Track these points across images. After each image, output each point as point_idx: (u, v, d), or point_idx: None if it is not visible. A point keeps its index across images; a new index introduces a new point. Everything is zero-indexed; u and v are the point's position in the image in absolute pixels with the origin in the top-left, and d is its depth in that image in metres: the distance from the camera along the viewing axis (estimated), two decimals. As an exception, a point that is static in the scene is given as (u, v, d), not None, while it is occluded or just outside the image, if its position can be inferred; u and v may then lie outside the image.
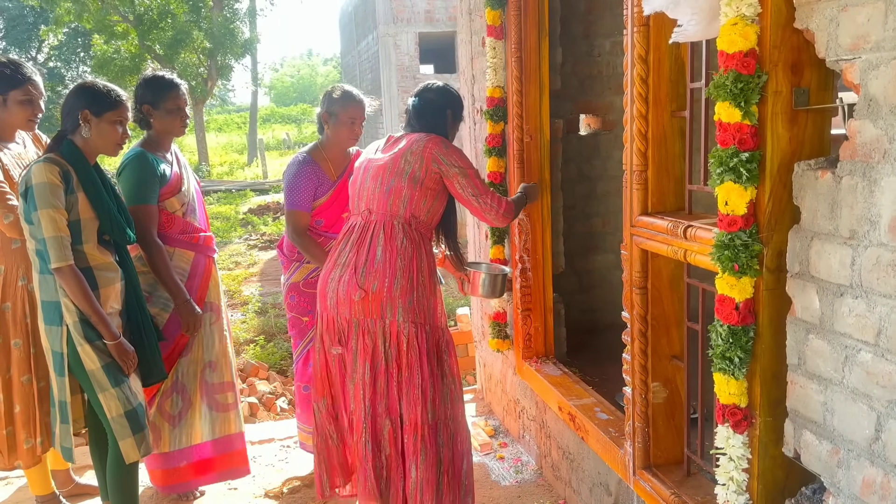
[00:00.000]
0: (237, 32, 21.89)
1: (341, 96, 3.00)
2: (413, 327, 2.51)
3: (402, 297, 2.49)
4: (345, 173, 3.07)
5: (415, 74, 15.04)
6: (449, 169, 2.52)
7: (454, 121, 2.72)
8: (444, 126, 2.66)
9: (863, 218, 1.34)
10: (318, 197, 3.03)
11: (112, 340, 2.43)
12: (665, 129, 2.04)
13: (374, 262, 2.50)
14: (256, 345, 6.61)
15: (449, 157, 2.51)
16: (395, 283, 2.48)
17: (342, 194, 3.04)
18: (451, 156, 2.52)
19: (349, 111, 2.99)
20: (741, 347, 1.59)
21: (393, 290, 2.48)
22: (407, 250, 2.50)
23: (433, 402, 2.53)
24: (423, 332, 2.53)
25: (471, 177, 2.54)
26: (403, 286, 2.49)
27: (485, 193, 2.56)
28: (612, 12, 3.87)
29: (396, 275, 2.48)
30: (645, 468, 2.20)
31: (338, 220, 3.08)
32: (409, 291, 2.49)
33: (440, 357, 2.59)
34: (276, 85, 61.36)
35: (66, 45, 25.51)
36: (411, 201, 2.52)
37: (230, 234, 12.54)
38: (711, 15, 1.60)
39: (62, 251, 2.33)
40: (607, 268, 4.08)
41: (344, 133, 3.01)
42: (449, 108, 2.69)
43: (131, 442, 2.50)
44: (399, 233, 2.51)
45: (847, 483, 1.44)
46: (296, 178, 3.00)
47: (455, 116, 2.73)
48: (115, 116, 2.46)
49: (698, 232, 1.79)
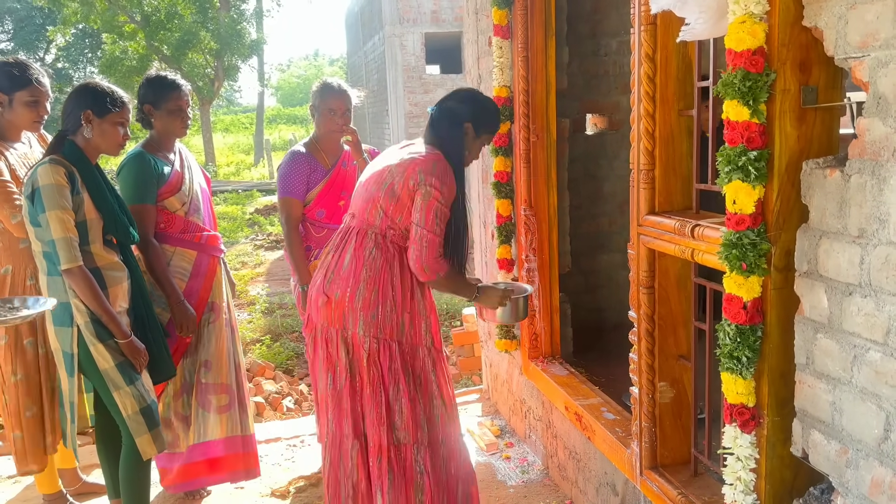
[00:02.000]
0: (244, 33, 21.94)
1: (319, 88, 3.12)
2: (375, 343, 2.36)
3: (364, 309, 2.34)
4: (338, 162, 3.14)
5: (421, 75, 15.04)
6: (421, 187, 2.28)
7: (477, 135, 2.41)
8: (458, 140, 2.38)
9: (872, 216, 1.34)
10: (313, 185, 3.10)
11: (124, 339, 2.44)
12: (672, 127, 2.03)
13: (340, 269, 2.39)
14: (263, 344, 6.63)
15: (427, 177, 2.27)
16: (357, 294, 2.34)
17: (337, 182, 3.12)
18: (431, 176, 2.27)
19: (327, 102, 3.07)
20: (749, 347, 1.59)
21: (355, 301, 2.34)
22: (375, 262, 2.34)
23: (409, 423, 2.38)
24: (389, 350, 2.37)
25: (430, 207, 2.27)
26: (366, 298, 2.34)
27: (429, 231, 2.27)
28: (619, 11, 3.87)
29: (360, 285, 2.34)
30: (652, 468, 2.20)
31: (337, 209, 3.13)
32: (372, 305, 2.34)
33: (423, 377, 2.43)
34: (282, 85, 61.49)
35: (74, 45, 25.63)
36: (387, 214, 2.34)
37: (237, 235, 12.57)
38: (719, 13, 1.60)
39: (72, 252, 2.34)
40: (614, 267, 4.08)
41: (327, 123, 3.09)
42: (469, 121, 2.38)
43: (148, 438, 2.51)
44: (370, 242, 2.36)
45: (856, 483, 1.43)
46: (288, 167, 3.09)
47: (479, 129, 2.41)
48: (118, 118, 2.46)
49: (706, 231, 1.79)
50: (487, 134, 2.46)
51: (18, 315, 2.16)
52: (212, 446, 3.02)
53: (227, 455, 3.04)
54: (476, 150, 2.46)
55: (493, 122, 2.47)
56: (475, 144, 2.45)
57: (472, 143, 2.43)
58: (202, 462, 3.02)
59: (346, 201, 3.16)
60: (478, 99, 2.47)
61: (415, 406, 2.40)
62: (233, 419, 3.03)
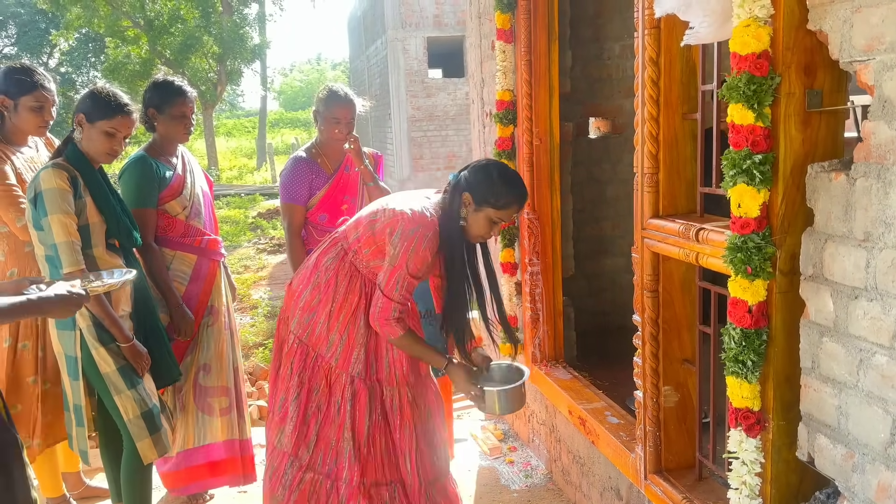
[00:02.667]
0: (246, 37, 21.99)
1: (326, 96, 3.11)
2: (296, 342, 2.38)
3: (303, 309, 2.37)
4: (340, 167, 3.16)
5: (423, 79, 15.06)
6: (389, 246, 2.23)
7: (477, 206, 2.23)
8: (454, 210, 2.25)
9: (877, 220, 1.34)
10: (315, 190, 3.12)
11: (126, 343, 2.45)
12: (676, 131, 2.03)
13: (306, 264, 2.45)
14: (266, 348, 6.63)
15: (400, 240, 2.20)
16: (303, 293, 2.38)
17: (339, 187, 3.14)
18: (403, 241, 2.20)
19: (332, 111, 3.08)
20: (754, 350, 1.59)
21: (300, 299, 2.38)
22: (328, 271, 2.35)
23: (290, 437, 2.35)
24: (304, 356, 2.37)
25: (391, 272, 2.22)
26: (308, 301, 2.36)
27: (385, 294, 2.22)
28: (622, 15, 3.87)
29: (308, 286, 2.37)
30: (656, 472, 2.19)
31: (339, 213, 3.14)
32: (310, 309, 2.36)
33: (340, 405, 2.35)
34: (285, 90, 61.57)
35: (78, 50, 25.68)
36: (360, 239, 2.33)
37: (239, 238, 12.59)
38: (724, 17, 1.60)
39: (74, 256, 2.34)
40: (617, 271, 4.07)
41: (330, 131, 3.10)
42: (468, 191, 2.23)
43: (149, 442, 2.51)
44: (333, 252, 2.37)
45: (862, 487, 1.42)
46: (290, 173, 3.12)
47: (479, 201, 2.22)
48: (107, 125, 2.43)
49: (710, 234, 1.78)
50: (492, 208, 2.22)
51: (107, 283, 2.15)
52: (213, 449, 3.01)
53: (228, 458, 3.04)
54: (480, 224, 2.25)
55: (495, 196, 2.21)
56: (477, 217, 2.24)
57: (473, 216, 2.24)
58: (204, 465, 3.02)
59: (350, 205, 3.18)
60: (486, 170, 2.26)
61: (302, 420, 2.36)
62: (231, 422, 3.02)
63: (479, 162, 2.34)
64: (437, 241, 2.24)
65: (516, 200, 2.25)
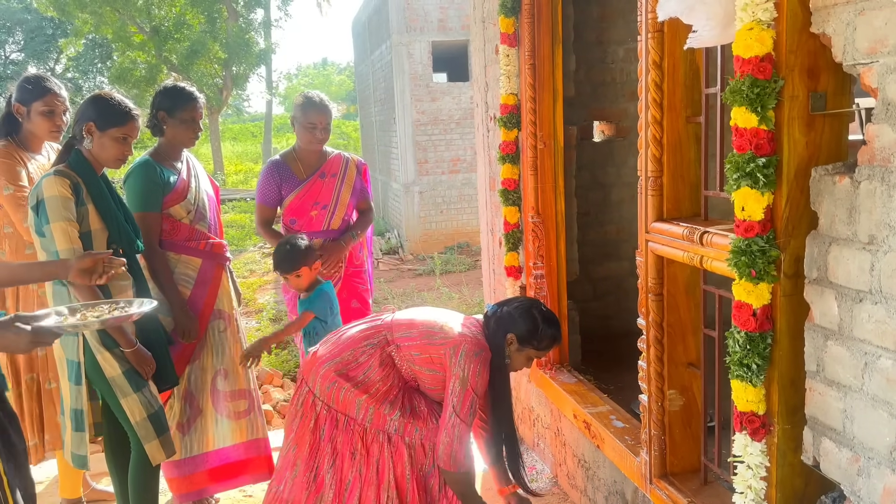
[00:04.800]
0: (252, 43, 22.06)
1: (302, 102, 3.24)
2: (324, 409, 2.36)
3: (324, 378, 2.35)
4: (315, 174, 3.28)
5: (428, 83, 15.07)
6: (455, 368, 2.26)
7: (521, 347, 2.36)
8: (501, 346, 2.35)
9: (882, 223, 1.33)
10: (286, 195, 3.27)
11: (129, 348, 2.45)
12: (680, 134, 2.03)
13: (340, 338, 2.43)
14: (271, 352, 6.63)
15: (467, 362, 2.25)
16: (329, 362, 2.36)
17: (310, 192, 3.27)
18: (470, 364, 2.25)
19: (308, 116, 3.21)
20: (759, 354, 1.58)
21: (323, 366, 2.36)
22: (364, 353, 2.35)
23: None
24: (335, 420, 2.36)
25: (466, 396, 2.24)
26: (327, 372, 2.35)
27: (463, 421, 2.23)
28: (625, 19, 3.88)
29: (336, 358, 2.36)
30: (661, 476, 2.19)
31: (309, 219, 3.27)
32: (329, 380, 2.34)
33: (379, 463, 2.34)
34: (290, 94, 61.60)
35: (84, 56, 25.82)
36: (412, 339, 2.34)
37: (245, 243, 12.62)
38: (727, 20, 1.59)
39: None
40: (622, 275, 4.07)
41: (306, 136, 3.24)
42: (512, 332, 2.34)
43: (157, 444, 2.52)
44: (375, 339, 2.38)
45: (867, 491, 1.42)
46: (263, 175, 3.31)
47: (523, 343, 2.35)
48: (119, 132, 2.46)
49: (714, 238, 1.78)
50: (533, 350, 2.37)
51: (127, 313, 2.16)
52: (230, 452, 3.04)
53: (250, 458, 3.09)
54: (521, 361, 2.39)
55: (538, 338, 2.35)
56: (519, 356, 2.38)
57: (516, 354, 2.37)
58: (217, 468, 3.03)
59: (319, 212, 3.26)
60: (530, 313, 2.36)
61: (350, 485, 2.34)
62: (253, 423, 3.07)
63: (521, 303, 2.42)
64: (490, 368, 2.32)
65: (555, 342, 2.42)
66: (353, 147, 26.00)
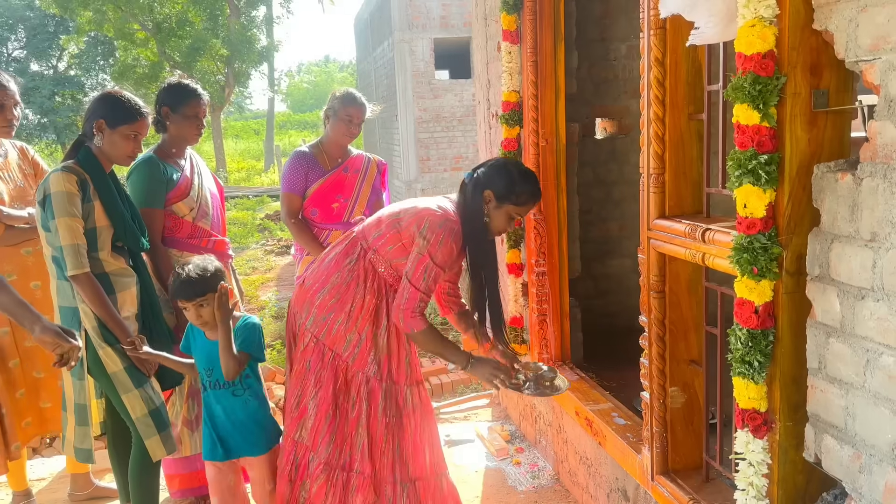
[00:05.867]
0: (254, 40, 22.08)
1: (343, 95, 3.29)
2: (313, 341, 2.42)
3: (320, 307, 2.40)
4: (339, 167, 3.31)
5: (430, 80, 15.07)
6: (417, 237, 2.29)
7: (499, 204, 2.33)
8: (477, 207, 2.34)
9: (884, 220, 1.33)
10: (311, 183, 3.27)
11: (129, 345, 2.46)
12: (682, 131, 2.03)
13: (322, 263, 2.47)
14: (273, 349, 6.64)
15: (430, 231, 2.27)
16: (320, 292, 2.41)
17: (334, 185, 3.28)
18: (432, 232, 2.27)
19: (347, 109, 3.25)
20: (761, 351, 1.58)
21: (316, 297, 2.41)
22: (349, 272, 2.39)
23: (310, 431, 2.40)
24: (322, 354, 2.41)
25: (420, 261, 2.27)
26: (325, 300, 2.39)
27: (412, 284, 2.27)
28: (628, 16, 3.87)
29: (326, 285, 2.40)
30: (663, 473, 2.19)
31: (330, 210, 3.28)
32: (328, 308, 2.39)
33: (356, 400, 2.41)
34: (292, 91, 61.71)
35: (87, 53, 25.82)
36: (382, 236, 2.38)
37: (247, 240, 12.63)
38: (729, 17, 1.59)
39: (78, 259, 2.36)
40: (624, 272, 4.07)
41: (341, 128, 3.27)
42: (489, 189, 2.33)
43: (157, 440, 2.53)
44: (354, 253, 2.41)
45: (869, 488, 1.42)
46: (290, 165, 3.29)
47: (500, 199, 2.33)
48: (129, 130, 2.49)
49: (716, 235, 1.78)
50: (512, 205, 2.34)
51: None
52: None
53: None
54: (501, 220, 2.36)
55: (516, 193, 2.32)
56: (498, 214, 2.35)
57: (495, 212, 2.35)
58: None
59: (341, 204, 3.27)
60: (506, 168, 2.37)
61: (329, 417, 2.40)
62: None
63: (496, 161, 2.44)
64: (461, 238, 2.34)
65: (534, 197, 2.40)
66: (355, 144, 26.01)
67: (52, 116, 22.84)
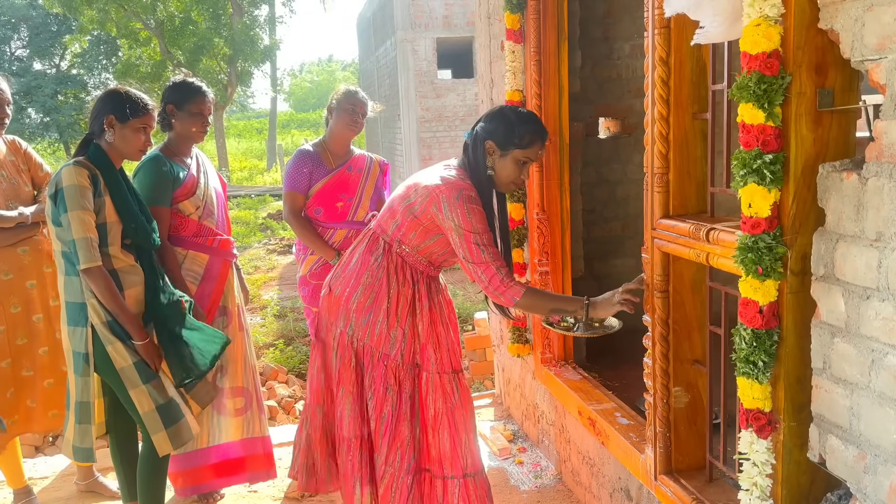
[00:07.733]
0: (257, 39, 22.09)
1: (344, 90, 3.31)
2: (361, 346, 2.39)
3: (357, 311, 2.36)
4: (343, 166, 3.30)
5: (432, 80, 15.07)
6: (446, 221, 2.22)
7: (503, 151, 2.26)
8: (481, 161, 2.28)
9: (889, 220, 1.33)
10: (315, 182, 3.25)
11: (141, 340, 2.46)
12: (686, 131, 2.02)
13: (346, 267, 2.42)
14: (276, 348, 6.65)
15: (452, 210, 2.20)
16: (353, 296, 2.37)
17: (339, 183, 3.27)
18: (456, 209, 2.19)
19: (349, 99, 3.25)
20: (765, 351, 1.58)
21: (350, 302, 2.37)
22: (378, 269, 2.35)
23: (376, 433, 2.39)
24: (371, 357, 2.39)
25: (466, 240, 2.19)
26: (360, 302, 2.35)
27: (479, 263, 2.20)
28: (632, 15, 3.86)
29: (359, 288, 2.36)
30: (666, 473, 2.19)
31: (334, 209, 3.26)
32: (365, 310, 2.36)
33: (413, 396, 2.41)
34: (295, 91, 61.76)
35: (89, 52, 25.86)
36: (400, 227, 2.33)
37: (250, 239, 12.64)
38: (734, 16, 1.59)
39: (91, 252, 2.37)
40: (627, 272, 4.06)
41: (345, 119, 3.25)
42: (490, 139, 2.26)
43: (164, 435, 2.53)
44: (378, 249, 2.37)
45: (874, 489, 1.41)
46: (294, 163, 3.28)
47: (503, 146, 2.26)
48: (139, 124, 2.51)
49: (721, 234, 1.78)
50: (518, 149, 2.25)
51: None
52: (229, 448, 3.04)
53: (248, 456, 3.08)
54: (510, 168, 2.27)
55: (517, 135, 2.24)
56: (505, 163, 2.27)
57: (501, 162, 2.27)
58: (218, 464, 3.04)
59: (345, 203, 3.26)
60: (501, 113, 2.30)
61: (385, 419, 2.38)
62: (250, 421, 3.06)
63: (491, 110, 2.36)
64: (479, 198, 2.26)
65: (538, 135, 2.29)
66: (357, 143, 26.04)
67: (55, 115, 22.88)
